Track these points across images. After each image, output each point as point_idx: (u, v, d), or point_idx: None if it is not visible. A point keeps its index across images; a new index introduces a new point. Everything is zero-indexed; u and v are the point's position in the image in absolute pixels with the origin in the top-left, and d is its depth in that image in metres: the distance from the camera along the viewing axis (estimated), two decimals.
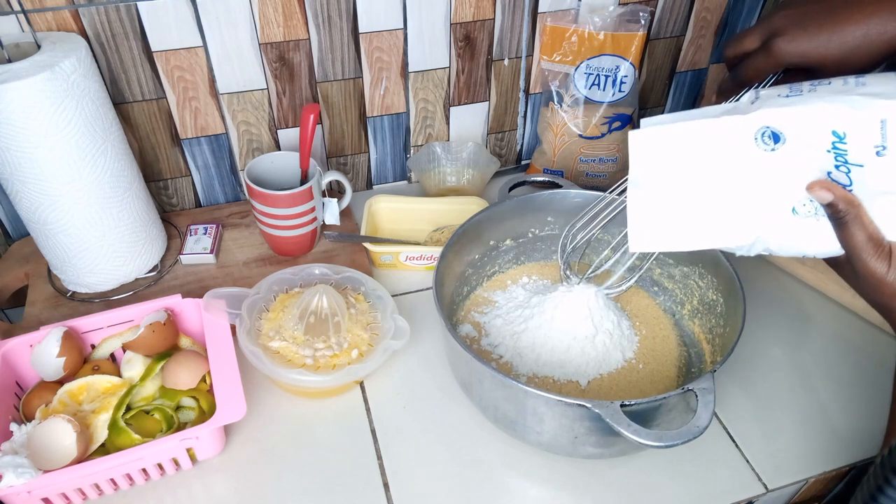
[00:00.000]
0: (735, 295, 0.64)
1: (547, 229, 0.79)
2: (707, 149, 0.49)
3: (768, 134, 0.47)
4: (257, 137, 0.88)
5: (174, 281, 0.81)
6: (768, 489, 0.63)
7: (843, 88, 0.47)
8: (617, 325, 0.70)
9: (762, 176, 0.48)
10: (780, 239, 0.49)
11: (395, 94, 0.89)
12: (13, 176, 0.67)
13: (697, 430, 0.52)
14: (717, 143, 0.49)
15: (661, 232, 0.52)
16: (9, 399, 0.64)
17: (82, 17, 0.71)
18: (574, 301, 0.68)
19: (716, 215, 0.50)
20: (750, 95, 0.51)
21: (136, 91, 0.79)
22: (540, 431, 0.60)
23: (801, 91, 0.48)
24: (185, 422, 0.65)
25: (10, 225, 0.86)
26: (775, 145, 0.47)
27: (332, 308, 0.67)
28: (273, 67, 0.82)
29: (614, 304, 0.73)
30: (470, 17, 0.85)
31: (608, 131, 0.92)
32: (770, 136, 0.47)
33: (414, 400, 0.70)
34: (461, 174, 0.94)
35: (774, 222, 0.48)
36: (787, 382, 0.73)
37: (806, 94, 0.48)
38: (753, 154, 0.48)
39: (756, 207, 0.49)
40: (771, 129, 0.47)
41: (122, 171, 0.73)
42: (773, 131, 0.47)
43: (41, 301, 0.78)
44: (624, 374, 0.69)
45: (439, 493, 0.62)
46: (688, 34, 0.97)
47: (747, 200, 0.49)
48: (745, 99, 0.51)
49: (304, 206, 0.79)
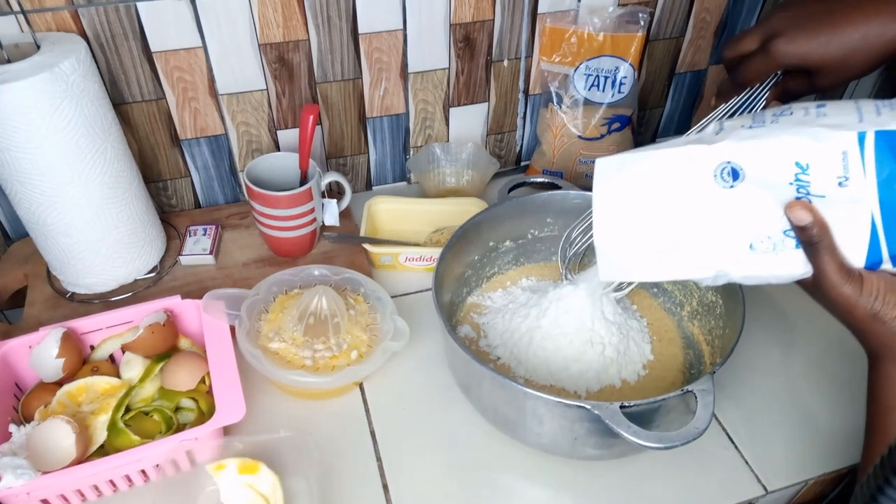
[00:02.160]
0: (734, 297, 0.64)
1: (546, 230, 0.79)
2: (668, 181, 0.49)
3: (728, 170, 0.47)
4: (257, 138, 0.88)
5: (173, 282, 0.81)
6: (768, 491, 0.63)
7: (804, 119, 0.47)
8: (625, 336, 0.69)
9: (720, 212, 0.48)
10: (741, 272, 0.49)
11: (395, 94, 0.89)
12: (12, 176, 0.67)
13: (697, 431, 0.52)
14: (677, 176, 0.49)
15: (626, 262, 0.53)
16: (8, 400, 0.64)
17: (82, 17, 0.71)
18: (578, 307, 0.68)
19: (677, 249, 0.50)
20: (714, 126, 0.51)
21: (135, 92, 0.79)
22: (539, 433, 0.60)
23: (764, 122, 0.48)
24: (185, 423, 0.65)
25: (9, 226, 0.86)
26: (734, 182, 0.47)
27: (332, 309, 0.67)
28: (273, 68, 0.82)
29: (627, 309, 0.72)
30: (469, 18, 0.85)
31: (608, 132, 0.92)
32: (730, 172, 0.47)
33: (413, 401, 0.70)
34: (461, 175, 0.94)
35: (733, 258, 0.49)
36: (786, 384, 0.73)
37: (769, 126, 0.48)
38: (712, 190, 0.48)
39: (714, 243, 0.49)
40: (732, 164, 0.47)
41: (122, 172, 0.73)
42: (732, 167, 0.47)
43: (40, 302, 0.78)
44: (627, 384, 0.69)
45: (438, 494, 0.62)
46: (687, 35, 0.97)
47: (706, 236, 0.49)
48: (709, 129, 0.51)
49: (303, 207, 0.79)
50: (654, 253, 0.51)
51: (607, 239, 0.53)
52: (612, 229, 0.52)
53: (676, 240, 0.50)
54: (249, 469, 0.58)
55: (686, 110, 1.07)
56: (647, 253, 0.52)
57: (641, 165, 0.50)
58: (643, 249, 0.52)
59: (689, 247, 0.50)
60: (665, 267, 0.52)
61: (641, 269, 0.53)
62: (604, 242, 0.53)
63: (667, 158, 0.49)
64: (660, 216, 0.50)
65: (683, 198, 0.49)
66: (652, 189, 0.50)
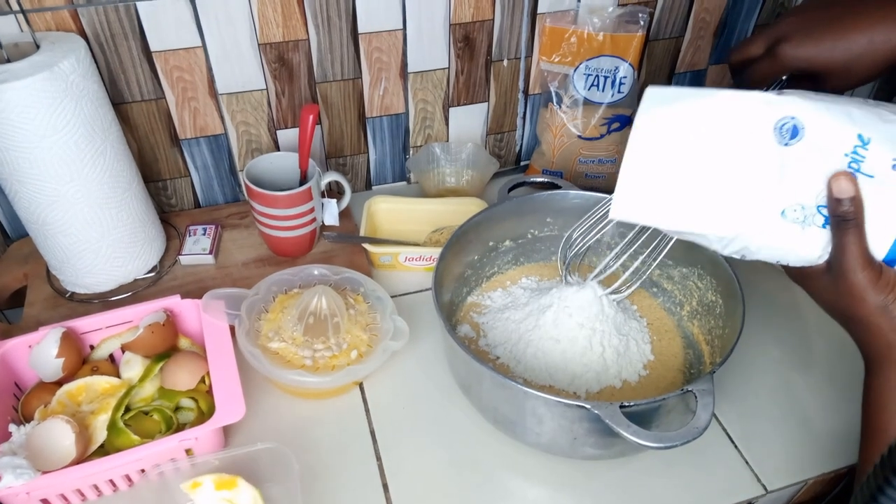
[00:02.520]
0: (734, 296, 0.64)
1: (546, 230, 0.79)
2: (722, 123, 0.47)
3: (789, 126, 0.46)
4: (256, 138, 0.88)
5: (173, 282, 0.81)
6: (768, 490, 0.63)
7: (865, 103, 0.47)
8: (625, 337, 0.69)
9: (766, 168, 0.47)
10: (760, 241, 0.48)
11: (395, 94, 0.89)
12: (12, 176, 0.67)
13: (697, 431, 0.52)
14: (733, 121, 0.47)
15: (646, 202, 0.49)
16: (8, 400, 0.64)
17: (81, 17, 0.71)
18: (578, 309, 0.68)
19: (706, 198, 0.48)
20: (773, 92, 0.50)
21: (134, 91, 0.79)
22: (539, 432, 0.60)
23: (827, 97, 0.47)
24: (184, 423, 0.65)
25: (8, 225, 0.86)
26: (790, 140, 0.46)
27: (332, 309, 0.67)
28: (272, 68, 0.82)
29: (627, 309, 0.72)
30: (469, 18, 0.85)
31: (607, 132, 0.92)
32: (790, 129, 0.46)
33: (413, 401, 0.70)
34: (460, 175, 0.94)
35: (760, 222, 0.47)
36: (786, 383, 0.73)
37: (833, 97, 0.47)
38: (766, 143, 0.46)
39: (748, 200, 0.47)
40: (795, 121, 0.46)
41: (121, 172, 0.73)
42: (795, 125, 0.46)
43: (40, 301, 0.78)
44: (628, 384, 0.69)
45: (438, 493, 0.62)
46: (687, 35, 0.97)
47: (742, 191, 0.47)
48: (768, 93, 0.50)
49: (303, 206, 0.79)
50: (681, 198, 0.48)
51: (635, 172, 0.49)
52: (644, 162, 0.49)
53: (710, 188, 0.48)
54: (227, 485, 0.57)
55: None
56: (672, 196, 0.49)
57: (697, 102, 0.48)
58: (670, 191, 0.48)
59: (720, 198, 0.48)
60: (685, 216, 0.49)
61: (660, 213, 0.49)
62: (630, 175, 0.49)
63: (727, 100, 0.47)
64: (701, 159, 0.48)
65: (733, 144, 0.47)
66: (701, 128, 0.48)
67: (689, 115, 0.48)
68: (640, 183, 0.49)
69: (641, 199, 0.49)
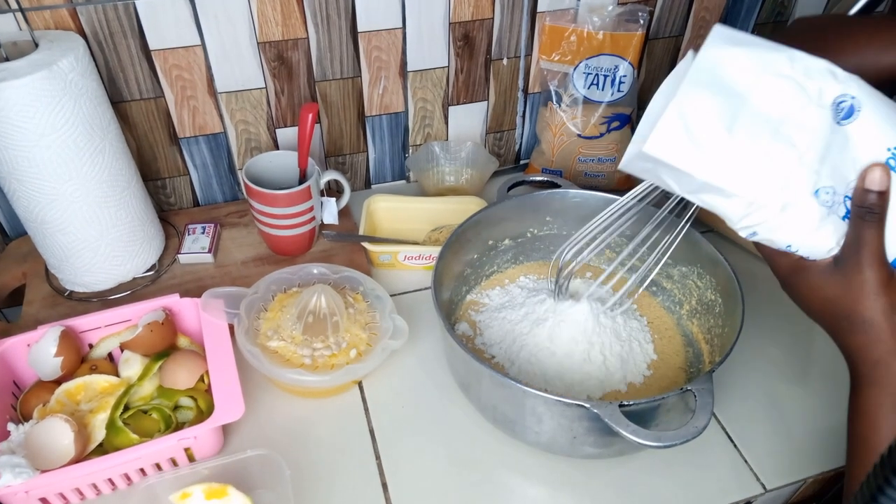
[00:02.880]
0: (734, 295, 0.64)
1: (545, 229, 0.79)
2: (785, 82, 0.46)
3: (847, 106, 0.45)
4: (256, 136, 0.88)
5: (172, 280, 0.81)
6: (766, 489, 0.63)
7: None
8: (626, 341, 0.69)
9: (814, 141, 0.45)
10: (785, 216, 0.46)
11: (394, 93, 0.89)
12: (11, 175, 0.67)
13: (696, 430, 0.52)
14: (797, 82, 0.45)
15: (688, 141, 0.45)
16: (6, 399, 0.64)
17: (80, 15, 0.71)
18: (572, 324, 0.67)
19: (750, 153, 0.45)
20: None
21: (133, 90, 0.78)
22: (539, 431, 0.60)
23: None
24: (183, 421, 0.65)
25: (7, 224, 0.86)
26: (842, 119, 0.45)
27: (331, 308, 0.67)
28: (271, 66, 0.81)
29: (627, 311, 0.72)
30: (469, 17, 0.85)
31: (607, 131, 0.92)
32: (847, 108, 0.45)
33: (412, 400, 0.70)
34: (460, 174, 0.94)
35: (793, 193, 0.46)
36: (785, 382, 0.73)
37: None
38: (822, 115, 0.45)
39: (790, 168, 0.45)
40: (854, 102, 0.45)
41: (120, 170, 0.73)
42: (853, 105, 0.45)
43: (39, 300, 0.78)
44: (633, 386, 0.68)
45: (438, 492, 0.62)
46: (687, 34, 0.97)
47: (786, 156, 0.45)
48: None
49: (302, 205, 0.79)
50: (724, 147, 0.45)
51: (686, 107, 0.45)
52: (698, 99, 0.45)
53: (757, 144, 0.45)
54: (217, 493, 0.56)
55: None
56: (716, 143, 0.46)
57: (767, 54, 0.46)
58: (715, 137, 0.45)
59: (763, 158, 0.45)
60: (722, 168, 0.46)
61: (697, 158, 0.45)
62: (681, 108, 0.45)
63: (796, 60, 0.46)
64: (755, 111, 0.46)
65: (790, 106, 0.46)
66: (763, 80, 0.46)
67: (754, 62, 0.46)
68: (688, 120, 0.46)
69: (684, 137, 0.45)
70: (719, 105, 0.45)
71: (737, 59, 0.46)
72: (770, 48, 0.46)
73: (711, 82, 0.46)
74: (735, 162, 0.46)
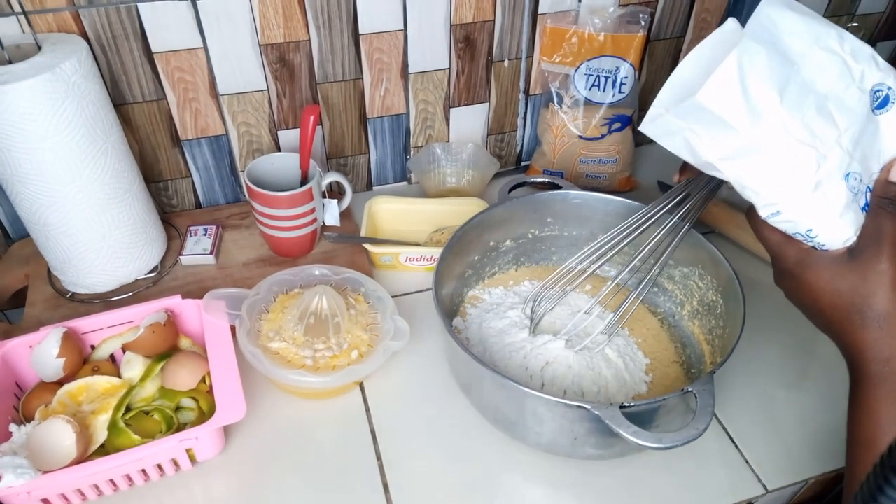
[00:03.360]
0: (735, 296, 0.64)
1: (546, 230, 0.79)
2: (832, 58, 0.45)
3: (883, 95, 0.45)
4: (257, 138, 0.88)
5: (174, 282, 0.81)
6: (768, 490, 0.63)
7: None
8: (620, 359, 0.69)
9: (852, 124, 0.45)
10: (813, 197, 0.45)
11: (396, 95, 0.89)
12: (13, 177, 0.67)
13: (697, 431, 0.52)
14: (840, 64, 0.45)
15: (738, 95, 0.44)
16: (8, 400, 0.64)
17: (83, 18, 0.71)
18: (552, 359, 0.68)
19: (799, 119, 0.45)
20: None
21: (136, 92, 0.79)
22: (540, 433, 0.60)
23: None
24: (185, 422, 0.65)
25: (10, 226, 0.86)
26: (876, 108, 0.45)
27: (332, 309, 0.67)
28: (273, 69, 0.82)
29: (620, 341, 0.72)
30: (470, 19, 0.85)
31: (608, 132, 0.92)
32: (882, 98, 0.45)
33: (414, 401, 0.70)
34: (461, 175, 0.94)
35: (828, 171, 0.45)
36: (786, 383, 0.73)
37: None
38: (860, 98, 0.45)
39: (827, 146, 0.45)
40: (890, 92, 0.45)
41: (123, 173, 0.73)
42: (888, 95, 0.45)
43: (41, 302, 0.78)
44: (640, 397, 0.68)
45: (439, 493, 0.62)
46: (688, 35, 0.97)
47: (826, 134, 0.45)
48: None
49: (304, 207, 0.79)
50: (774, 108, 0.44)
51: (743, 62, 0.43)
52: (754, 57, 0.44)
53: (804, 113, 0.45)
54: None
55: None
56: (763, 102, 0.44)
57: (817, 24, 0.45)
58: (765, 97, 0.44)
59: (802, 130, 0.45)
60: (768, 130, 0.44)
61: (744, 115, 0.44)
62: (738, 63, 0.43)
63: (845, 40, 0.45)
64: (802, 81, 0.45)
65: (835, 83, 0.45)
66: (813, 51, 0.45)
67: (808, 32, 0.45)
68: (746, 74, 0.44)
69: (739, 91, 0.44)
70: (776, 66, 0.44)
71: (793, 24, 0.45)
72: (820, 20, 0.46)
73: (770, 41, 0.45)
74: (780, 129, 0.44)
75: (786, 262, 0.50)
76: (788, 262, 0.50)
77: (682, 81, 0.49)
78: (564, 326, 0.71)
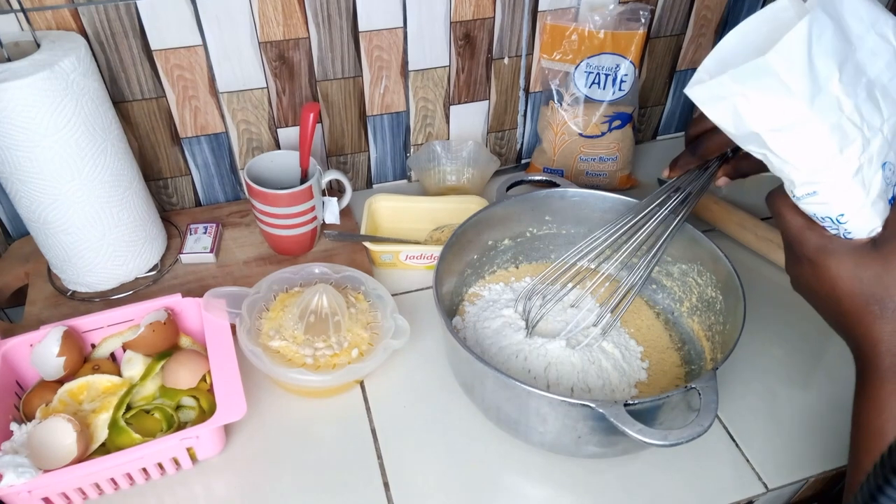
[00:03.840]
0: (734, 292, 0.64)
1: (545, 228, 0.79)
2: (885, 46, 0.45)
3: None
4: (257, 136, 0.88)
5: (174, 280, 0.81)
6: (768, 488, 0.63)
7: None
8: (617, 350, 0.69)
9: (891, 114, 0.45)
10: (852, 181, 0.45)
11: (395, 92, 0.89)
12: (13, 175, 0.67)
13: (702, 428, 0.51)
14: (894, 51, 0.45)
15: (804, 63, 0.43)
16: (9, 398, 0.64)
17: (82, 15, 0.71)
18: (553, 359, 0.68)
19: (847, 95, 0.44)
20: None
21: (135, 90, 0.79)
22: (543, 432, 0.60)
23: None
24: (186, 421, 0.65)
25: (9, 224, 0.86)
26: None
27: (333, 307, 0.67)
28: (273, 66, 0.81)
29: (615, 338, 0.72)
30: (470, 16, 0.85)
31: (608, 130, 0.92)
32: None
33: (414, 399, 0.70)
34: (461, 173, 0.94)
35: (867, 158, 0.45)
36: (787, 381, 0.73)
37: None
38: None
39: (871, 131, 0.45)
40: None
41: (122, 171, 0.73)
42: None
43: (41, 300, 0.78)
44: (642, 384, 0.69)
45: (440, 492, 0.62)
46: (688, 32, 0.97)
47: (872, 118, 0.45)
48: None
49: (303, 205, 0.79)
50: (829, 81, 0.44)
51: (813, 30, 0.42)
52: (823, 27, 0.43)
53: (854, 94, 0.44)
54: None
55: (687, 108, 1.07)
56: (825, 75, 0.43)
57: (874, 9, 0.45)
58: (826, 70, 0.43)
59: (853, 112, 0.44)
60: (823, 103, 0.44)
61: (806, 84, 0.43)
62: (808, 30, 0.42)
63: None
64: (857, 62, 0.44)
65: (884, 71, 0.45)
66: (870, 35, 0.45)
67: (867, 14, 0.45)
68: (814, 43, 0.43)
69: (805, 59, 0.43)
70: (839, 41, 0.44)
71: (857, 5, 0.45)
72: (879, 6, 0.45)
73: (835, 15, 0.44)
74: (836, 105, 0.44)
75: (805, 248, 0.49)
76: (808, 248, 0.49)
77: (724, 55, 0.49)
78: (559, 325, 0.71)
